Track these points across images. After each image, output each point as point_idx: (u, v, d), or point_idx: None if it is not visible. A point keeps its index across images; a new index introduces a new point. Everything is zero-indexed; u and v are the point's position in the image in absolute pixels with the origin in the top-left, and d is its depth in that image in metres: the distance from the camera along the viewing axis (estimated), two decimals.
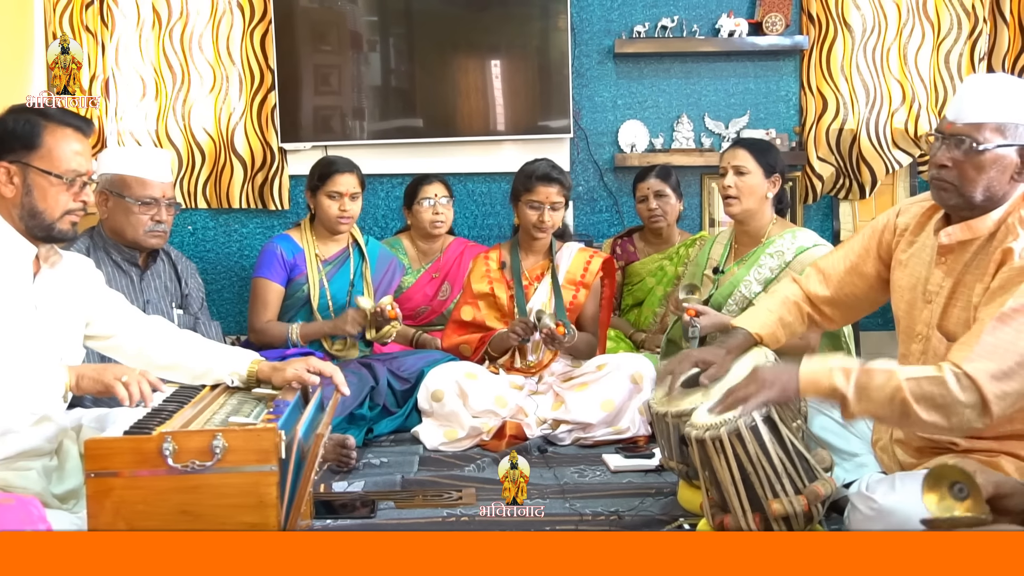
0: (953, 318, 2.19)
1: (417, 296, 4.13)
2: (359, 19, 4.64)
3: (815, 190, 4.69)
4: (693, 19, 4.68)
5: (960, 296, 2.18)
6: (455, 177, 4.62)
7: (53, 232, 2.23)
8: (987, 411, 1.94)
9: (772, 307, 2.61)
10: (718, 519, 2.25)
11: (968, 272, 2.18)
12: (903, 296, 2.36)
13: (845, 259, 2.56)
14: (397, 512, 2.65)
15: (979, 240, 2.17)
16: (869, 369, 2.04)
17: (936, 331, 2.22)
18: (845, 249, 2.59)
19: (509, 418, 3.37)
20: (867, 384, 2.01)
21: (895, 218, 2.44)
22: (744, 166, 3.19)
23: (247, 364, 2.49)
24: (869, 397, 2.01)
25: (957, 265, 2.20)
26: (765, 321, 2.57)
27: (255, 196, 4.62)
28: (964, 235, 2.18)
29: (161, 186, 3.17)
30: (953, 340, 2.16)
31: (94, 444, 2.00)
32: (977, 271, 2.15)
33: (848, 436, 2.52)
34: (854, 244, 2.56)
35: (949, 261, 2.22)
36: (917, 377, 1.98)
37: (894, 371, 2.01)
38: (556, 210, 3.54)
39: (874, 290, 2.52)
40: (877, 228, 2.49)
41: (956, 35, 4.58)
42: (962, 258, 2.19)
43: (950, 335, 2.18)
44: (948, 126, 2.15)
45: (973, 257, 2.17)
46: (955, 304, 2.19)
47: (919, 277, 2.30)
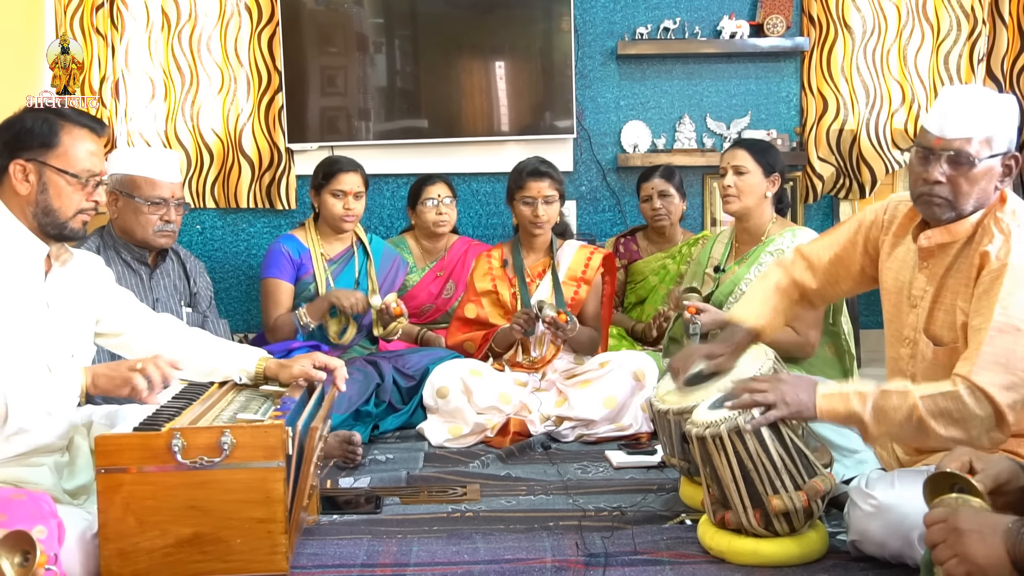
0: (938, 322, 2.20)
1: (421, 295, 4.16)
2: (365, 21, 4.67)
3: (815, 190, 4.71)
4: (695, 21, 4.71)
5: (944, 300, 2.20)
6: (459, 177, 4.66)
7: (65, 231, 2.25)
8: (1003, 421, 1.96)
9: (763, 297, 2.61)
10: (719, 515, 2.27)
11: (950, 276, 2.19)
12: (890, 299, 2.38)
13: (830, 249, 2.55)
14: (402, 508, 2.67)
15: (958, 243, 2.18)
16: (885, 391, 2.06)
17: (923, 335, 2.24)
18: (830, 239, 2.57)
19: (513, 415, 3.40)
20: (884, 406, 2.04)
21: (883, 214, 2.43)
22: (743, 166, 3.22)
23: (255, 361, 2.52)
24: (887, 419, 2.04)
25: (939, 269, 2.21)
26: (761, 312, 2.57)
27: (263, 196, 4.65)
28: (943, 238, 2.19)
29: (170, 186, 3.20)
30: (940, 344, 2.19)
31: (104, 440, 2.04)
32: (959, 274, 2.17)
33: (847, 433, 2.51)
34: (839, 235, 2.54)
35: (931, 265, 2.23)
36: (932, 394, 2.00)
37: (909, 390, 2.03)
38: (550, 204, 3.55)
39: (858, 282, 2.53)
40: (865, 223, 2.47)
41: (955, 36, 4.60)
42: (943, 261, 2.21)
43: (936, 339, 2.20)
44: (937, 141, 2.13)
45: (954, 260, 2.19)
46: (939, 308, 2.20)
47: (904, 281, 2.31)
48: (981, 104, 2.13)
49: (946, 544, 1.50)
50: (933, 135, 2.14)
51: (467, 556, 2.29)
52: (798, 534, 2.22)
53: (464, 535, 2.43)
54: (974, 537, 1.46)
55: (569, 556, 2.27)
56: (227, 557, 2.06)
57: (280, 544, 2.07)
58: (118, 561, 2.03)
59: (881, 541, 2.10)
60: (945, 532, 1.50)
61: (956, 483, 1.61)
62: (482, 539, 2.40)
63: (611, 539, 2.37)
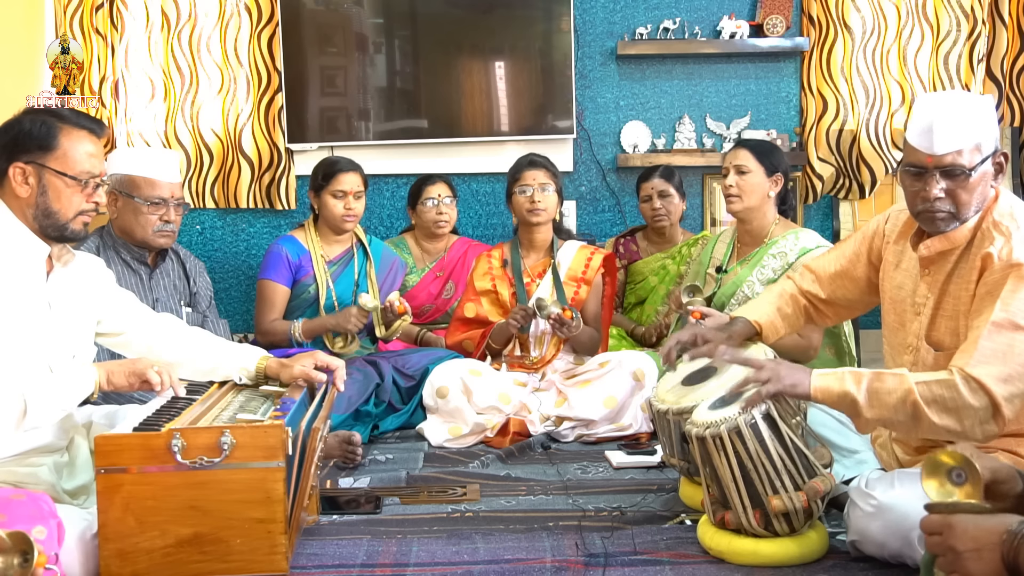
0: (940, 328, 2.21)
1: (422, 295, 4.16)
2: (365, 21, 4.67)
3: (815, 190, 4.71)
4: (695, 21, 4.71)
5: (946, 306, 2.20)
6: (459, 177, 4.66)
7: (66, 232, 2.25)
8: (999, 413, 1.96)
9: (771, 300, 2.64)
10: (719, 515, 2.27)
11: (951, 282, 2.19)
12: (892, 307, 2.38)
13: (836, 263, 2.58)
14: (402, 508, 2.66)
15: (958, 249, 2.19)
16: (880, 374, 2.06)
17: (924, 342, 2.24)
18: (836, 252, 2.61)
19: (513, 415, 3.40)
20: (878, 388, 2.03)
21: (884, 224, 2.45)
22: (745, 165, 3.23)
23: (255, 361, 2.52)
24: (881, 402, 2.03)
25: (940, 276, 2.22)
26: (765, 311, 2.59)
27: (262, 196, 4.65)
28: (943, 246, 2.20)
29: (170, 186, 3.20)
30: (941, 350, 2.19)
31: (104, 440, 2.04)
32: (960, 280, 2.17)
33: (847, 433, 2.53)
34: (845, 249, 2.57)
35: (932, 272, 2.24)
36: (927, 381, 2.00)
37: (905, 375, 2.03)
38: (546, 191, 3.56)
39: (866, 294, 2.55)
40: (867, 234, 2.50)
41: (955, 37, 4.61)
42: (944, 268, 2.21)
43: (938, 345, 2.20)
44: (928, 160, 2.12)
45: (955, 266, 2.19)
46: (942, 314, 2.21)
47: (907, 289, 2.32)
48: (964, 113, 2.12)
49: (945, 560, 1.51)
50: (923, 153, 2.14)
51: (467, 556, 2.29)
52: (798, 534, 2.22)
53: (464, 535, 2.43)
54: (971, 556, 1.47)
55: (569, 556, 2.27)
56: (227, 557, 2.06)
57: (280, 544, 2.07)
58: (118, 561, 2.03)
59: (881, 541, 2.10)
60: (942, 548, 1.51)
61: (955, 467, 1.61)
62: (482, 539, 2.40)
63: (611, 539, 2.37)
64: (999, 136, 2.20)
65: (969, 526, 1.49)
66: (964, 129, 2.11)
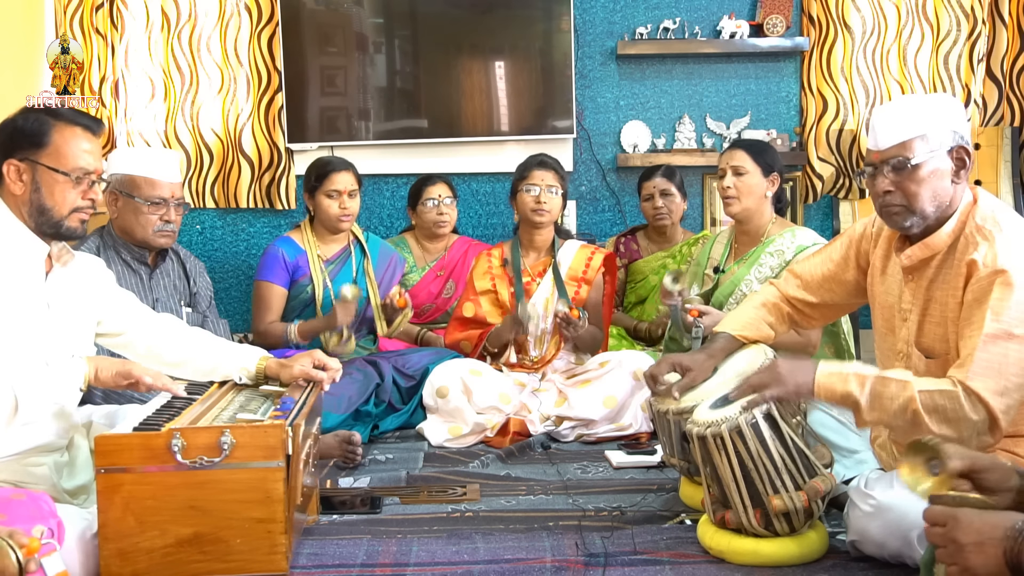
0: (929, 334, 2.21)
1: (422, 294, 4.16)
2: (365, 21, 4.67)
3: (815, 190, 4.71)
4: (695, 21, 4.71)
5: (933, 312, 2.20)
6: (459, 177, 4.66)
7: (61, 229, 2.25)
8: (996, 426, 1.98)
9: (753, 309, 2.63)
10: (719, 515, 2.27)
11: (936, 288, 2.20)
12: (881, 312, 2.39)
13: (823, 266, 2.57)
14: (402, 508, 2.67)
15: (939, 255, 2.20)
16: (884, 378, 2.07)
17: (915, 348, 2.24)
18: (823, 256, 2.60)
19: (513, 415, 3.40)
20: (881, 392, 2.05)
21: (871, 227, 2.46)
22: (742, 166, 3.22)
23: (255, 361, 2.52)
24: (882, 406, 2.05)
25: (923, 282, 2.22)
26: (747, 322, 2.59)
27: (262, 196, 4.66)
28: (923, 253, 2.21)
29: (170, 186, 3.20)
30: (931, 356, 2.19)
31: (104, 440, 2.04)
32: (945, 286, 2.17)
33: (847, 433, 2.53)
34: (832, 252, 2.57)
35: (916, 279, 2.25)
36: (930, 390, 2.01)
37: (908, 381, 2.04)
38: (553, 193, 3.56)
39: (854, 296, 2.55)
40: (855, 237, 2.50)
41: (955, 36, 4.61)
42: (926, 274, 2.22)
43: (929, 352, 2.21)
44: (875, 156, 2.20)
45: (937, 272, 2.20)
46: (929, 321, 2.21)
47: (894, 295, 2.32)
48: (907, 109, 2.18)
49: (946, 551, 1.51)
50: (871, 150, 2.22)
51: (467, 556, 2.29)
52: (798, 534, 2.22)
53: (464, 535, 2.43)
54: (973, 549, 1.48)
55: (569, 556, 2.27)
56: (227, 557, 2.06)
57: (280, 544, 2.07)
58: (118, 561, 2.03)
59: (881, 541, 2.11)
60: (945, 540, 1.52)
61: (932, 457, 1.64)
62: (482, 539, 2.40)
63: (611, 539, 2.37)
64: (966, 132, 2.19)
65: (974, 519, 1.50)
66: (907, 122, 2.15)
